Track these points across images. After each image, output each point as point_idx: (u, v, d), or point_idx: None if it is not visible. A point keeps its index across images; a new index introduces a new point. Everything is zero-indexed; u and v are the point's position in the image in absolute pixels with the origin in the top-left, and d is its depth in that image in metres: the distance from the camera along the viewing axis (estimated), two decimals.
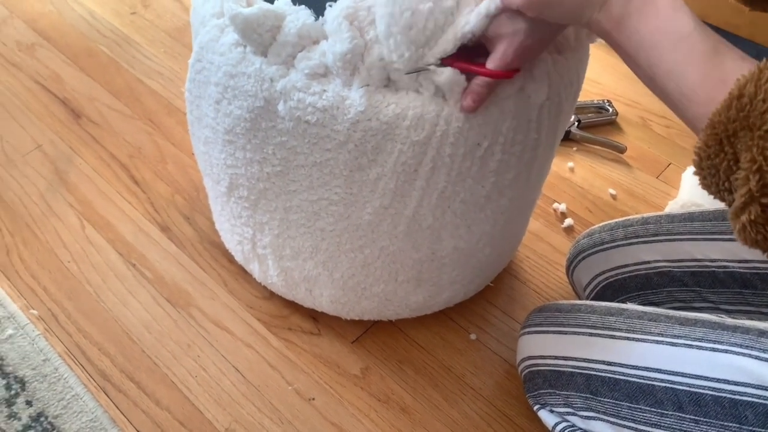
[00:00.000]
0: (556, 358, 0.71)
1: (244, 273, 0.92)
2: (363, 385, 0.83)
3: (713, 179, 0.45)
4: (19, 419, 0.74)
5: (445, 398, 0.83)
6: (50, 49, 1.28)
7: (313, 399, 0.81)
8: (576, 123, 1.24)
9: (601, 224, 0.85)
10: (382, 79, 0.60)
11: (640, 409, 0.62)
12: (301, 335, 0.88)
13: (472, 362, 0.87)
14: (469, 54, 0.59)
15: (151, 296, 0.90)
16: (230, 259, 0.94)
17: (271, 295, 0.91)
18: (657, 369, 0.62)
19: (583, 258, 0.84)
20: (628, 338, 0.65)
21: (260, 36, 0.60)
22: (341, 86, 0.60)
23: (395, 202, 0.68)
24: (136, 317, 0.87)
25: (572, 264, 0.86)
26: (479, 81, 0.59)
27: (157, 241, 0.97)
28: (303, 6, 0.60)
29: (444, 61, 0.59)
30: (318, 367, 0.84)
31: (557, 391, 0.70)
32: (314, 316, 0.89)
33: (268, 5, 0.60)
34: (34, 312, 0.85)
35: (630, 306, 0.70)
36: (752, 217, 0.41)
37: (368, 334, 0.88)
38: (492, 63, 0.58)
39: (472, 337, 0.90)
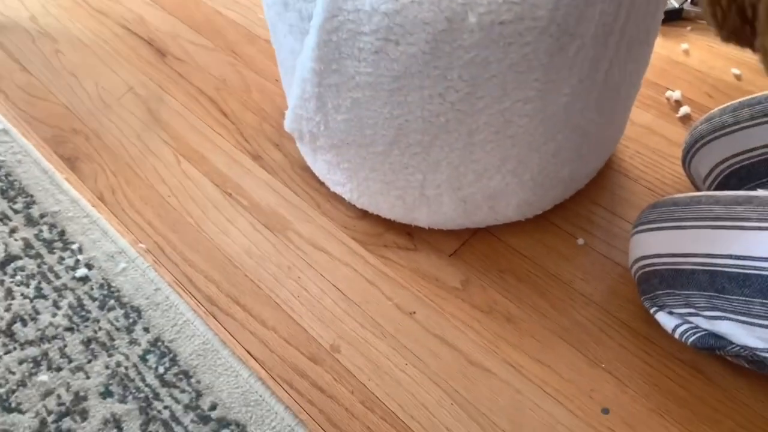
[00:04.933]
0: (674, 255, 0.64)
1: (336, 195, 0.91)
2: (464, 296, 0.80)
3: None
4: (139, 345, 0.79)
5: (553, 306, 0.79)
6: None
7: (414, 312, 0.80)
8: None
9: (721, 106, 0.75)
10: None
11: None
12: (397, 251, 0.86)
13: (580, 268, 0.81)
14: None
15: (249, 223, 0.91)
16: (321, 182, 0.93)
17: (365, 215, 0.89)
18: None
19: (703, 145, 0.75)
20: (760, 228, 0.57)
21: None
22: None
23: (591, 71, 0.63)
24: (236, 244, 0.89)
25: (689, 153, 0.77)
26: None
27: (250, 169, 0.98)
28: None
29: None
30: (417, 281, 0.83)
31: (676, 291, 0.64)
32: (409, 231, 0.87)
33: None
34: (142, 246, 0.89)
35: (761, 192, 0.61)
36: None
37: (466, 246, 0.85)
38: None
39: (580, 242, 0.84)
